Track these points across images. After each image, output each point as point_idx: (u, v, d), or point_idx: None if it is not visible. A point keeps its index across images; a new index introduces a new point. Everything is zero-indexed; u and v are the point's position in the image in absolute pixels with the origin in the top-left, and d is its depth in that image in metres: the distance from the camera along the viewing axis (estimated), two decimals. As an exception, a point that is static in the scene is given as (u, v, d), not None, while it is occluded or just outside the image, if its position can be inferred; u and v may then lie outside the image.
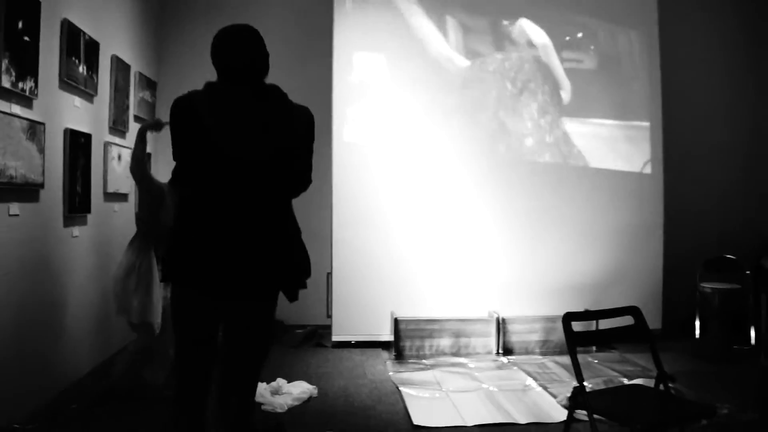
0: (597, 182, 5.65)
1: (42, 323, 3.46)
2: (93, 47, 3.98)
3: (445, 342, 5.17)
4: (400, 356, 5.05)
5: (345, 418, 3.70)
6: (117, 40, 4.50)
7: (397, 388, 4.21)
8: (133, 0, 4.90)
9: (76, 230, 3.86)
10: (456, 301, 5.35)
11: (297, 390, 4.00)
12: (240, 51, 2.25)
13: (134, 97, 4.86)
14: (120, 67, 4.49)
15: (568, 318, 2.79)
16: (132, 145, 3.59)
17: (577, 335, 2.80)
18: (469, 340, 5.19)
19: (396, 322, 5.14)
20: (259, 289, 2.18)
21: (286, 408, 3.76)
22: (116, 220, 4.46)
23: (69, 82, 3.68)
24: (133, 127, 4.73)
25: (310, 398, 3.97)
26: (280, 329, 5.56)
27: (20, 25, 3.10)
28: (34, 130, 3.25)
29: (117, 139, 4.49)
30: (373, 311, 5.33)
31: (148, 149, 3.77)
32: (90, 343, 4.08)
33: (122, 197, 4.65)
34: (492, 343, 5.20)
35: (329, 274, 5.39)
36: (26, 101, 3.21)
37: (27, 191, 3.25)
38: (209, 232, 2.18)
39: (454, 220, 5.42)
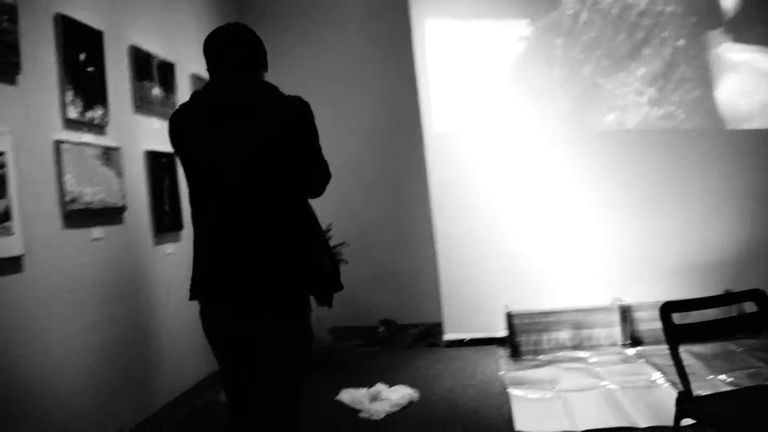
0: (723, 145, 4.96)
1: (137, 341, 3.54)
2: (167, 68, 4.04)
3: (564, 335, 4.78)
4: (515, 353, 4.73)
5: (443, 424, 3.48)
6: (194, 59, 4.53)
7: (505, 388, 3.92)
8: (206, 17, 4.87)
9: (169, 247, 3.94)
10: (574, 290, 4.91)
11: (396, 395, 3.84)
12: (212, 53, 2.09)
13: (220, 112, 4.90)
14: (200, 84, 4.53)
15: (668, 309, 2.39)
16: None
17: (681, 329, 2.39)
18: (591, 332, 4.75)
19: (509, 316, 4.82)
20: (263, 302, 2.03)
21: (383, 415, 3.62)
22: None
23: (144, 106, 3.75)
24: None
25: (410, 403, 3.79)
26: (392, 329, 5.43)
27: (82, 57, 3.18)
28: (109, 155, 3.33)
29: (206, 155, 4.55)
30: (485, 306, 5.04)
31: None
32: (190, 360, 4.08)
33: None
34: (617, 333, 4.72)
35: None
36: (98, 129, 3.29)
37: (108, 215, 3.33)
38: (209, 246, 2.10)
39: (565, 202, 4.99)
